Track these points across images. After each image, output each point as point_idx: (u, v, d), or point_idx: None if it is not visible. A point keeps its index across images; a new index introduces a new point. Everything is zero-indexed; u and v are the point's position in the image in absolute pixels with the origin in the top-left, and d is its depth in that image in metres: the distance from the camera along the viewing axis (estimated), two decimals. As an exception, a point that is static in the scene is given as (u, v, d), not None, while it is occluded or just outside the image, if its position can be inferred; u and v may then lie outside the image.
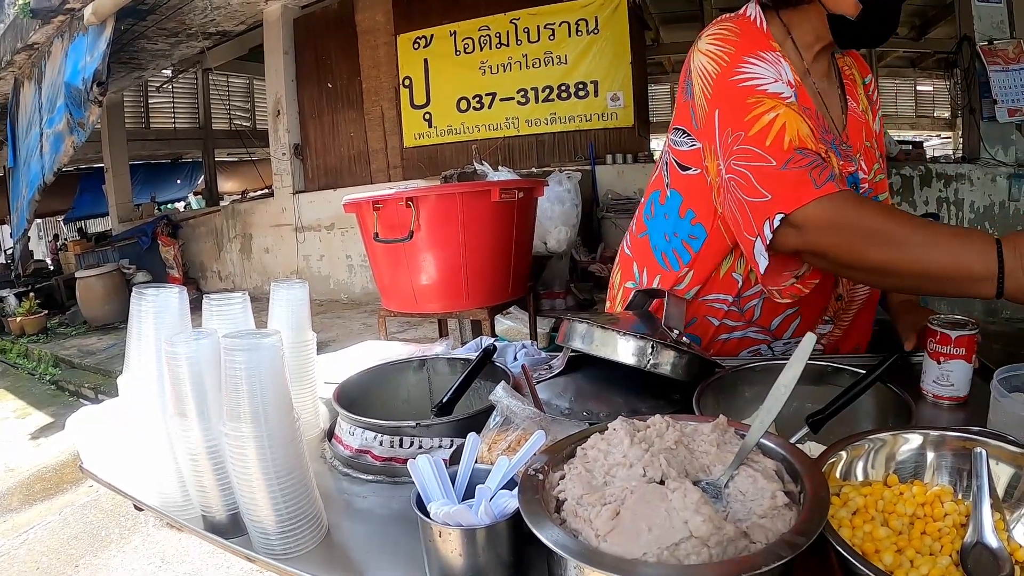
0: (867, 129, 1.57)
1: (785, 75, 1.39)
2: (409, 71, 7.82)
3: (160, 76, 11.70)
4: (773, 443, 0.87)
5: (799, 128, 1.31)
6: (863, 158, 1.54)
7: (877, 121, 1.64)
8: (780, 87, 1.36)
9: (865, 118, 1.58)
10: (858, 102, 1.58)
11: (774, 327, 1.63)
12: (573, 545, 0.71)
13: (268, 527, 0.96)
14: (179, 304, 1.13)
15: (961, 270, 1.11)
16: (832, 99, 1.52)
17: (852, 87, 1.58)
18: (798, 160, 1.27)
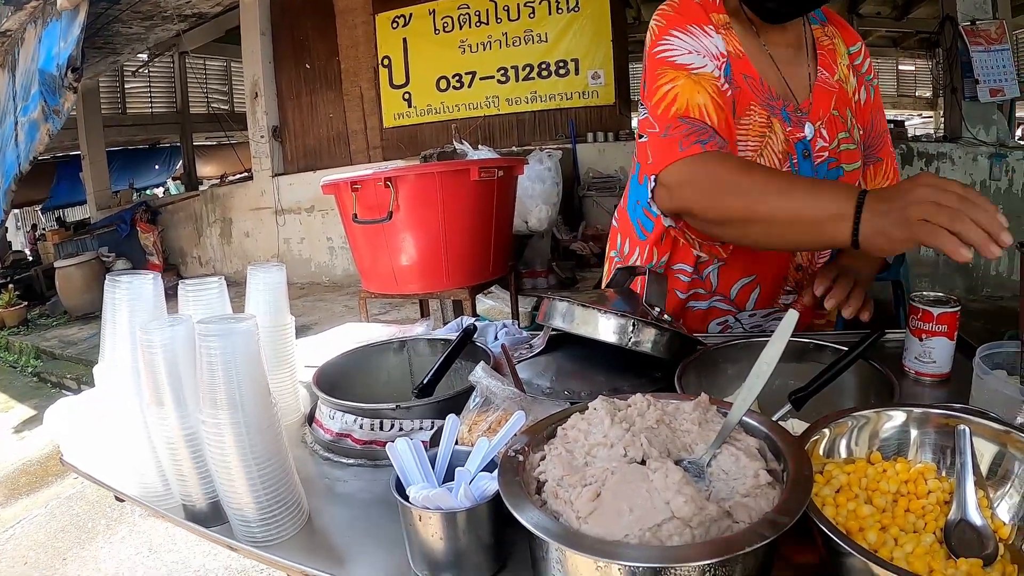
0: (840, 98, 1.56)
1: (713, 48, 1.44)
2: (388, 51, 7.75)
3: (136, 60, 11.52)
4: (756, 421, 0.86)
5: (691, 98, 1.37)
6: (825, 126, 1.53)
7: (864, 91, 1.62)
8: (692, 59, 1.41)
9: (842, 87, 1.57)
10: (834, 71, 1.56)
11: (734, 296, 1.66)
12: (554, 527, 0.69)
13: (248, 514, 0.95)
14: (154, 291, 1.10)
15: (816, 210, 1.12)
16: (794, 67, 1.53)
17: (829, 56, 1.57)
18: (677, 127, 1.35)
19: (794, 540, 0.74)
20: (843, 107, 1.56)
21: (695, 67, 1.41)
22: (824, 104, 1.53)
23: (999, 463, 0.86)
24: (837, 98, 1.55)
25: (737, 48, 1.48)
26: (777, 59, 1.51)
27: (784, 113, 1.49)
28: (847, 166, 1.58)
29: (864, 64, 1.63)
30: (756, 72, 1.49)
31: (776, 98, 1.49)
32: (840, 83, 1.57)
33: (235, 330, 0.90)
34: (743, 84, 1.47)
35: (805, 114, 1.51)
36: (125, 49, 9.62)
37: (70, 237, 10.35)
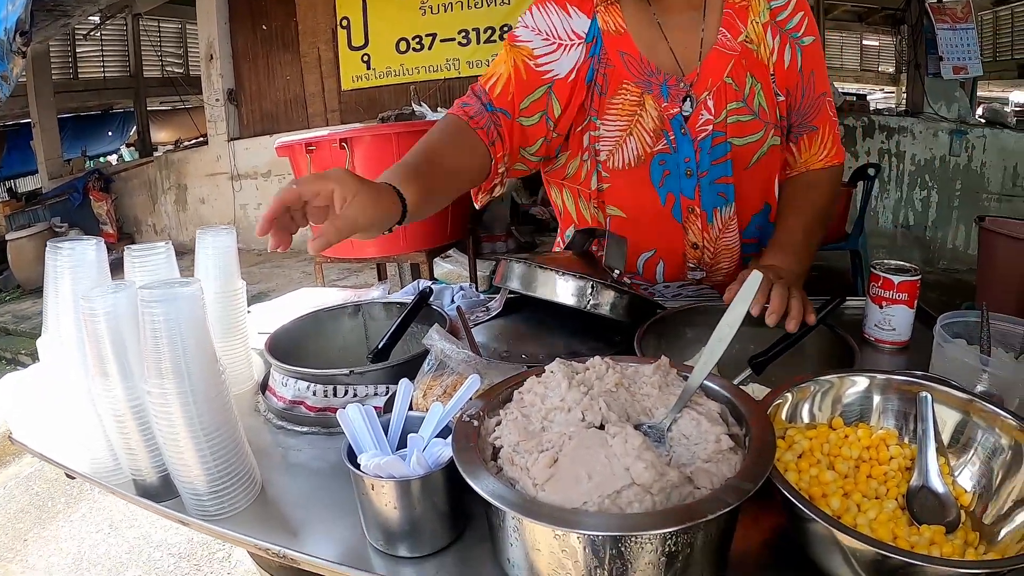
0: (742, 62, 1.46)
1: (567, 29, 1.47)
2: (347, 11, 7.55)
3: (87, 23, 11.13)
4: (717, 385, 0.85)
5: (495, 69, 1.49)
6: (713, 96, 1.45)
7: (789, 51, 1.48)
8: (523, 32, 1.48)
9: (747, 49, 1.46)
10: (738, 32, 1.46)
11: (641, 270, 1.63)
12: (509, 495, 0.67)
13: (199, 487, 0.93)
14: (97, 257, 1.06)
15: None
16: (686, 34, 1.48)
17: (738, 14, 1.46)
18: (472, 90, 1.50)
19: (756, 505, 0.72)
20: (743, 72, 1.46)
21: (520, 40, 1.48)
22: (715, 72, 1.46)
23: (961, 431, 0.86)
24: (736, 63, 1.45)
25: (619, 25, 1.47)
26: (668, 27, 1.47)
27: (664, 88, 1.46)
28: (737, 140, 1.48)
29: (791, 20, 1.48)
30: (636, 48, 1.47)
31: (656, 72, 1.46)
32: (746, 44, 1.46)
33: (179, 295, 0.86)
34: (618, 62, 1.46)
35: (689, 86, 1.46)
36: (76, 11, 9.27)
37: (21, 208, 10.05)
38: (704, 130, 1.46)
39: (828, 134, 1.55)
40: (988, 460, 0.82)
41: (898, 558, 0.62)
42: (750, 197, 1.56)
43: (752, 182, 1.54)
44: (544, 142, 1.50)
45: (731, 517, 0.68)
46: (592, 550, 0.63)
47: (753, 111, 1.46)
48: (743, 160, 1.50)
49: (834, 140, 1.57)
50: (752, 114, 1.46)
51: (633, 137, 1.48)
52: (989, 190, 5.96)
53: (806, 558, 0.72)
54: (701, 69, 1.45)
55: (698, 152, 1.48)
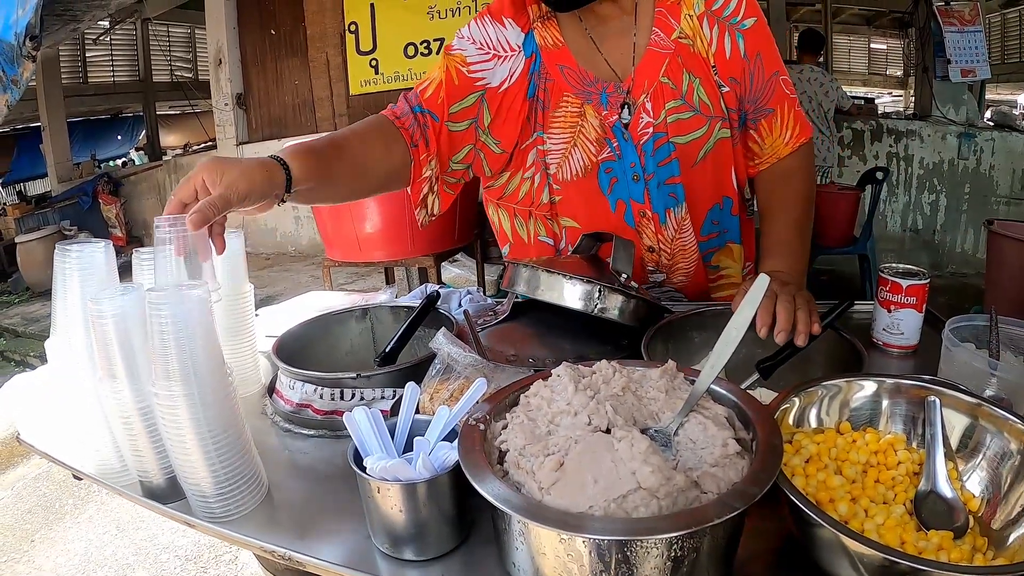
0: (678, 60, 1.44)
1: (503, 40, 1.50)
2: (355, 16, 7.56)
3: (97, 28, 11.18)
4: (724, 389, 0.85)
5: (428, 75, 1.52)
6: (651, 98, 1.45)
7: (729, 40, 1.45)
8: (459, 43, 1.52)
9: (682, 45, 1.44)
10: (671, 29, 1.45)
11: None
12: (515, 499, 0.67)
13: (206, 489, 0.92)
14: (105, 260, 1.06)
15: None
16: (618, 41, 1.48)
17: (670, 11, 1.45)
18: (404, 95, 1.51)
19: (763, 510, 0.72)
20: (679, 70, 1.45)
21: (455, 49, 1.51)
22: (651, 73, 1.45)
23: (969, 435, 0.85)
24: (671, 61, 1.44)
25: (556, 39, 1.49)
26: (599, 38, 1.48)
27: (603, 97, 1.47)
28: (680, 138, 1.47)
29: (727, 7, 1.45)
30: (574, 60, 1.48)
31: (594, 82, 1.47)
32: (680, 41, 1.45)
33: (187, 297, 0.87)
34: (558, 76, 1.49)
35: (626, 92, 1.47)
36: (86, 16, 9.30)
37: (31, 211, 10.08)
38: (645, 133, 1.47)
39: (788, 113, 1.51)
40: (997, 465, 0.81)
41: (905, 563, 0.61)
42: (702, 194, 1.55)
43: (703, 178, 1.53)
44: (472, 149, 1.53)
45: (738, 522, 0.67)
46: (598, 554, 0.63)
47: (693, 107, 1.45)
48: (689, 158, 1.49)
49: (795, 118, 1.52)
50: (692, 110, 1.45)
51: (578, 148, 1.50)
52: (998, 193, 5.94)
53: (812, 563, 0.71)
54: (636, 73, 1.46)
55: (642, 156, 1.48)
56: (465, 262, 4.00)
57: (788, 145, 1.52)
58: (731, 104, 1.48)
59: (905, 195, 6.23)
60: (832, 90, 5.69)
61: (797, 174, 1.53)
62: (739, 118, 1.51)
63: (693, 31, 1.44)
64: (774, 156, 1.53)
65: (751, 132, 1.53)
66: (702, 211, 1.57)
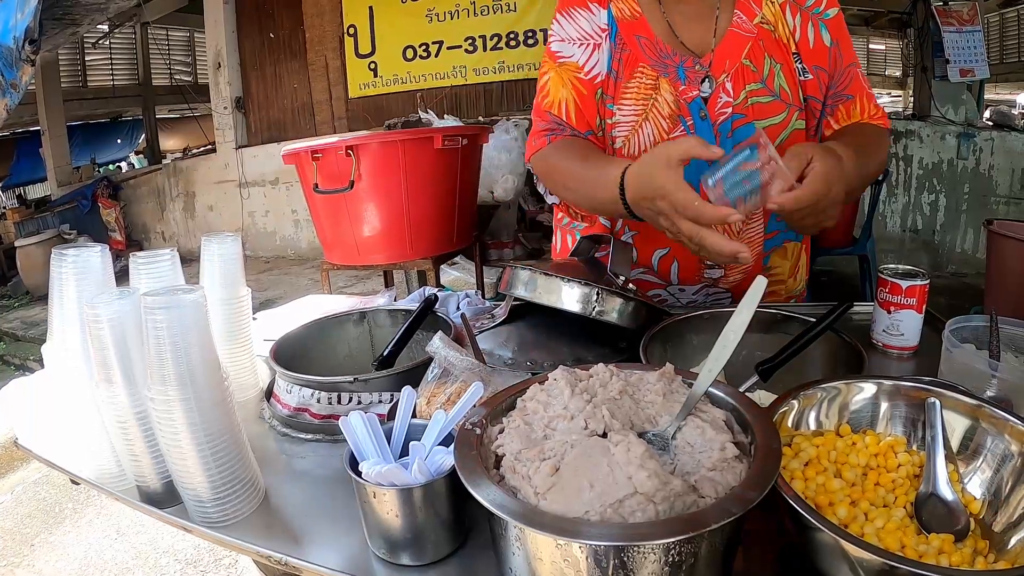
0: (760, 45, 1.44)
1: (591, 27, 1.50)
2: (354, 19, 7.57)
3: (96, 31, 11.18)
4: (722, 392, 0.84)
5: (556, 92, 1.52)
6: (731, 79, 1.43)
7: (812, 29, 1.45)
8: (560, 46, 1.52)
9: (764, 31, 1.44)
10: (754, 14, 1.44)
11: (657, 267, 1.61)
12: (511, 505, 0.66)
13: (202, 494, 0.93)
14: (101, 264, 1.06)
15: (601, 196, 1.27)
16: (700, 17, 1.47)
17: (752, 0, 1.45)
18: (543, 120, 1.54)
19: (761, 514, 0.71)
20: (760, 54, 1.44)
21: (561, 56, 1.52)
22: (732, 54, 1.44)
23: (970, 437, 0.85)
24: (753, 45, 1.43)
25: (634, 10, 1.48)
26: (679, 13, 1.47)
27: (680, 71, 1.45)
28: (760, 123, 1.44)
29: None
30: (652, 31, 1.47)
31: (671, 55, 1.46)
32: (763, 26, 1.44)
33: (182, 302, 0.87)
34: (634, 46, 1.47)
35: (706, 68, 1.44)
36: (85, 20, 9.30)
37: (31, 215, 10.07)
38: (723, 113, 1.44)
39: (868, 103, 1.48)
40: (998, 467, 0.81)
41: (905, 568, 0.61)
42: None
43: None
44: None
45: (736, 526, 0.67)
46: (594, 560, 0.62)
47: (773, 92, 1.44)
48: None
49: (876, 108, 1.49)
50: (772, 95, 1.44)
51: (649, 122, 1.46)
52: (997, 193, 5.94)
53: (812, 568, 0.71)
54: (717, 51, 1.44)
55: (718, 136, 1.45)
56: (464, 264, 4.00)
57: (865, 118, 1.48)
58: (814, 92, 1.46)
59: (905, 195, 6.22)
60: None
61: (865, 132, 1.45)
62: (820, 108, 1.49)
63: (775, 17, 1.44)
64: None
65: (828, 119, 1.50)
66: None
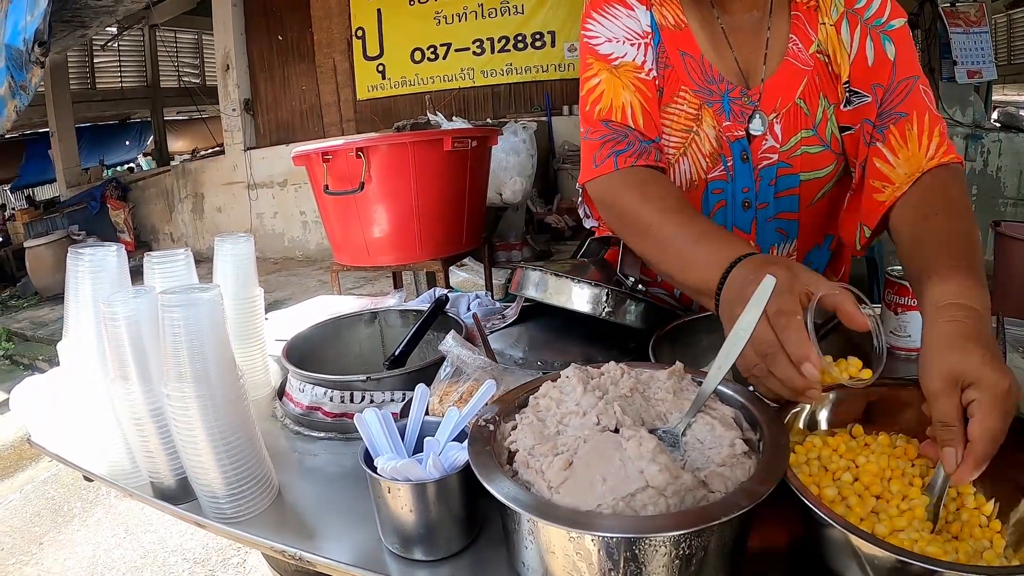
0: (816, 80, 1.26)
1: (636, 26, 1.30)
2: (362, 22, 7.61)
3: (105, 34, 11.23)
4: (731, 390, 0.85)
5: (615, 97, 1.27)
6: (781, 120, 1.26)
7: (872, 45, 1.21)
8: (612, 47, 1.30)
9: (820, 62, 1.25)
10: (810, 41, 1.25)
11: (678, 293, 1.49)
12: (525, 498, 0.67)
13: (217, 490, 0.94)
14: (117, 263, 1.08)
15: (687, 276, 1.04)
16: (752, 39, 1.28)
17: (807, 17, 1.26)
18: (598, 131, 1.27)
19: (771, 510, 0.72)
20: (815, 94, 1.26)
21: (615, 57, 1.29)
22: (786, 90, 1.26)
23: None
24: (809, 81, 1.25)
25: (678, 18, 1.30)
26: (731, 30, 1.28)
27: (726, 101, 1.28)
28: (806, 175, 1.29)
29: (871, 7, 1.22)
30: (698, 48, 1.29)
31: (719, 80, 1.28)
32: (819, 57, 1.25)
33: (199, 300, 0.88)
34: (677, 63, 1.30)
35: (755, 103, 1.27)
36: (94, 22, 9.35)
37: (40, 216, 10.14)
38: (767, 158, 1.29)
39: (930, 125, 1.15)
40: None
41: (917, 564, 0.61)
42: (811, 233, 1.39)
43: (817, 217, 1.37)
44: None
45: (745, 520, 0.68)
46: (606, 552, 0.63)
47: (824, 141, 1.27)
48: (809, 196, 1.32)
49: (940, 133, 1.14)
50: (823, 144, 1.27)
51: (687, 158, 1.32)
52: (1005, 195, 5.91)
53: (823, 565, 0.71)
54: (770, 83, 1.26)
55: (758, 182, 1.31)
56: (473, 266, 4.01)
57: (932, 160, 1.13)
58: (871, 115, 1.21)
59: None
60: (838, 93, 5.67)
61: (952, 188, 1.10)
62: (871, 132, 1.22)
63: (829, 41, 1.24)
64: (914, 173, 1.13)
65: (878, 146, 1.19)
66: (805, 250, 1.42)
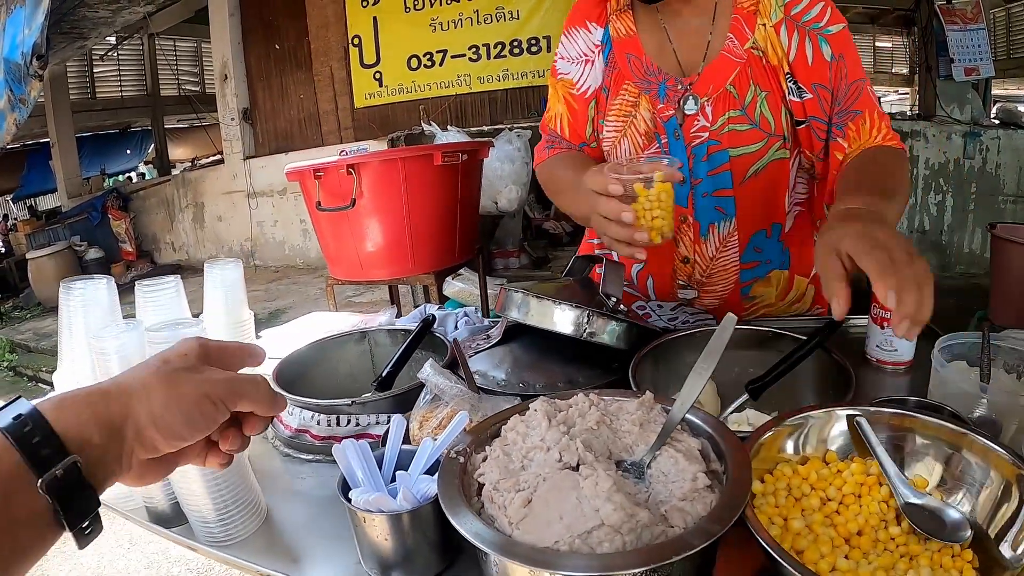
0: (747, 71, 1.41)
1: (586, 46, 1.57)
2: (358, 30, 7.60)
3: (104, 44, 11.27)
4: (700, 420, 0.86)
5: (553, 107, 1.66)
6: (712, 103, 1.43)
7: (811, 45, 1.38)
8: (561, 64, 1.61)
9: (754, 56, 1.41)
10: (746, 38, 1.41)
11: (636, 280, 1.68)
12: (486, 534, 0.69)
13: (207, 515, 0.98)
14: (108, 295, 1.12)
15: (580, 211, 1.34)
16: (693, 38, 1.46)
17: (746, 19, 1.41)
18: (545, 134, 1.70)
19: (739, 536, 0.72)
20: (746, 81, 1.42)
21: (561, 73, 1.61)
22: (718, 78, 1.43)
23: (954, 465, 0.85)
24: (741, 71, 1.41)
25: (629, 28, 1.52)
26: (675, 31, 1.48)
27: (662, 88, 1.47)
28: (735, 150, 1.45)
29: (810, 11, 1.38)
30: (642, 49, 1.50)
31: (656, 72, 1.48)
32: (753, 52, 1.41)
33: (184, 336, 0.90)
34: (624, 64, 1.52)
35: (686, 88, 1.45)
36: (92, 33, 9.40)
37: (42, 227, 10.18)
38: (698, 136, 1.46)
39: (879, 120, 1.39)
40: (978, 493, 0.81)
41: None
42: (751, 213, 1.52)
43: (754, 197, 1.50)
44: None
45: (706, 555, 0.69)
46: (565, 587, 0.65)
47: (753, 121, 1.43)
48: (740, 172, 1.47)
49: (886, 125, 1.39)
50: (751, 123, 1.43)
51: (627, 138, 1.53)
52: (1005, 192, 5.90)
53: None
54: (704, 73, 1.44)
55: (691, 159, 1.47)
56: (469, 275, 4.01)
57: (877, 142, 1.38)
58: (816, 111, 1.41)
59: (911, 196, 6.19)
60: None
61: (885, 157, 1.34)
62: (826, 128, 1.42)
63: (767, 41, 1.40)
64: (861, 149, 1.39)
65: (838, 140, 1.41)
66: (748, 232, 1.55)
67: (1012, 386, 1.07)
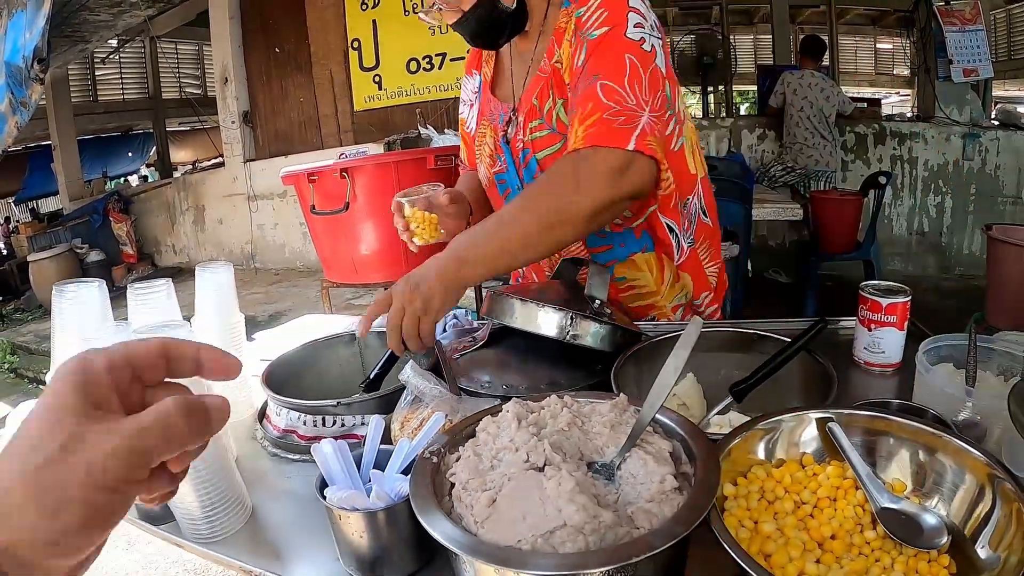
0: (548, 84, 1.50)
1: (469, 89, 1.82)
2: (358, 33, 7.61)
3: (106, 47, 11.31)
4: (673, 422, 0.86)
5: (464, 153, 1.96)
6: (523, 118, 1.59)
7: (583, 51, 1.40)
8: (461, 105, 1.88)
9: (555, 68, 1.48)
10: (553, 54, 1.49)
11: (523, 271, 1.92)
12: (453, 533, 0.71)
13: (194, 512, 1.00)
14: (100, 299, 1.14)
15: None
16: (521, 68, 1.64)
17: (556, 38, 1.48)
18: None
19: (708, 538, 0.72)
20: (546, 92, 1.51)
21: (461, 112, 1.88)
22: (529, 96, 1.58)
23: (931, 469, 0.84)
24: (543, 85, 1.52)
25: (487, 74, 1.74)
26: (515, 64, 1.65)
27: (501, 117, 1.67)
28: (540, 153, 1.59)
29: (589, 19, 1.39)
30: (493, 89, 1.73)
31: (499, 105, 1.68)
32: (555, 65, 1.48)
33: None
34: (485, 103, 1.74)
35: (513, 112, 1.64)
36: (94, 36, 9.43)
37: (43, 229, 10.18)
38: (518, 148, 1.63)
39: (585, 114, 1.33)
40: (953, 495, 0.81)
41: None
42: None
43: None
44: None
45: (673, 555, 0.69)
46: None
47: (551, 126, 1.55)
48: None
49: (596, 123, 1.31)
50: (549, 129, 1.55)
51: (483, 164, 1.76)
52: (1004, 193, 5.90)
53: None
54: (523, 94, 1.60)
55: (521, 167, 1.64)
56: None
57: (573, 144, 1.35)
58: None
59: (911, 198, 6.19)
60: (833, 95, 5.67)
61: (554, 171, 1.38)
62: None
63: (565, 54, 1.47)
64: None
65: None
66: None
67: (998, 389, 1.06)
